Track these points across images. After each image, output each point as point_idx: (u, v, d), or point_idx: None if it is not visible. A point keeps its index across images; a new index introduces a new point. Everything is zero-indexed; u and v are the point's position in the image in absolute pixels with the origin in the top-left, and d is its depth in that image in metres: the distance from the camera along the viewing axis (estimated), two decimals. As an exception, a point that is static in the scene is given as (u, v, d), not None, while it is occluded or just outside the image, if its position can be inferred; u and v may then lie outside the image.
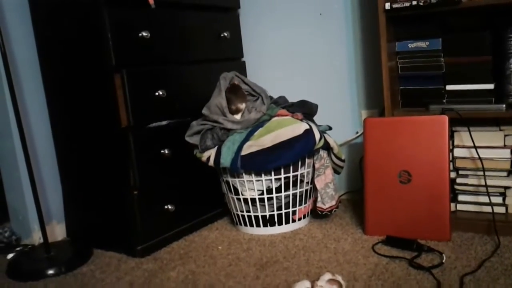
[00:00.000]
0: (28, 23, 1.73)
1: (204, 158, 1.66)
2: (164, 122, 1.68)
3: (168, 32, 1.69)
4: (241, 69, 2.06)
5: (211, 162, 1.64)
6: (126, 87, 1.54)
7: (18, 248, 1.73)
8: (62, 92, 1.71)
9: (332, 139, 1.73)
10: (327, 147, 1.70)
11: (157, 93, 1.63)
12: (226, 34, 1.93)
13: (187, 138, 1.69)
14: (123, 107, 1.56)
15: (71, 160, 1.77)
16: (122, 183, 1.61)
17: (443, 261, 1.32)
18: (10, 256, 1.66)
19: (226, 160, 1.61)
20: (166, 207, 1.68)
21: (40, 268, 1.52)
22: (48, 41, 1.70)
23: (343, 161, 1.78)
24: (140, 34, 1.57)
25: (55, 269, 1.52)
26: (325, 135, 1.69)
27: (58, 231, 1.84)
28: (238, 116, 1.66)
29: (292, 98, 1.86)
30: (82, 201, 1.77)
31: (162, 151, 1.65)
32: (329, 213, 1.72)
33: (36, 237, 1.77)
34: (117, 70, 1.53)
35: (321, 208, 1.70)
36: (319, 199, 1.70)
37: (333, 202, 1.71)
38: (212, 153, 1.64)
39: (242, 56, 2.09)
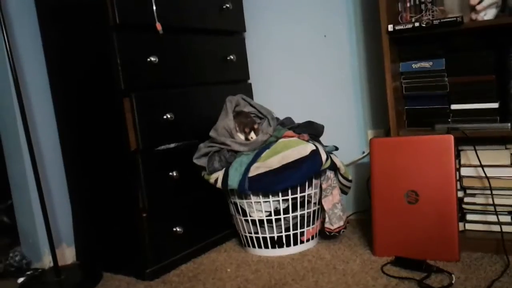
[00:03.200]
0: (39, 48, 1.77)
1: (212, 180, 1.68)
2: (172, 145, 1.70)
3: (175, 56, 1.73)
4: (248, 91, 2.08)
5: (219, 184, 1.65)
6: (135, 111, 1.57)
7: (28, 272, 1.73)
8: (72, 115, 1.74)
9: (339, 159, 1.74)
10: (334, 167, 1.71)
11: (165, 116, 1.66)
12: (232, 57, 1.96)
13: (195, 160, 1.71)
14: (132, 130, 1.58)
15: (80, 183, 1.79)
16: (131, 205, 1.63)
17: (453, 281, 1.32)
18: (20, 280, 1.67)
19: (233, 181, 1.62)
20: (174, 229, 1.69)
21: (50, 292, 1.53)
22: (59, 65, 1.74)
23: (350, 181, 1.78)
24: (148, 59, 1.61)
25: (65, 293, 1.52)
26: (332, 155, 1.71)
27: (68, 254, 1.85)
28: (254, 136, 1.68)
29: (298, 119, 1.87)
30: (92, 224, 1.78)
31: (171, 174, 1.67)
32: (337, 234, 1.71)
33: (47, 261, 1.78)
34: (126, 94, 1.56)
35: (329, 228, 1.70)
36: (327, 219, 1.70)
37: (341, 223, 1.71)
38: (219, 175, 1.66)
39: (248, 78, 2.12)
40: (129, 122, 1.58)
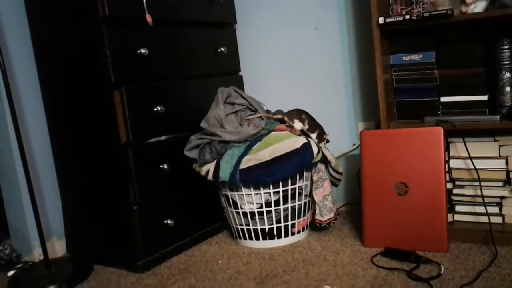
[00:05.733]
0: (28, 41, 1.75)
1: (203, 172, 1.68)
2: (163, 138, 1.70)
3: (166, 48, 1.72)
4: (239, 83, 2.08)
5: (210, 176, 1.66)
6: (125, 104, 1.56)
7: (18, 265, 1.73)
8: (62, 109, 1.73)
9: (329, 152, 1.74)
10: (324, 160, 1.71)
11: (155, 109, 1.65)
12: (223, 49, 1.96)
13: (186, 153, 1.71)
14: (122, 123, 1.57)
15: (71, 177, 1.78)
16: (122, 198, 1.62)
17: (441, 272, 1.33)
18: (10, 273, 1.67)
19: (225, 174, 1.62)
20: (165, 221, 1.69)
21: (41, 285, 1.53)
22: (48, 58, 1.72)
23: (340, 173, 1.79)
24: (138, 51, 1.60)
25: (56, 286, 1.52)
26: (323, 148, 1.71)
27: (59, 248, 1.84)
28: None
29: (289, 112, 1.87)
30: (82, 217, 1.78)
31: (161, 166, 1.67)
32: (327, 226, 1.73)
33: (37, 254, 1.77)
34: (116, 87, 1.55)
35: (320, 220, 1.71)
36: (317, 211, 1.71)
37: (332, 215, 1.72)
38: (211, 167, 1.66)
39: (240, 71, 2.12)
40: (119, 115, 1.57)
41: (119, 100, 1.56)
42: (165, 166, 1.67)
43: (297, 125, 1.70)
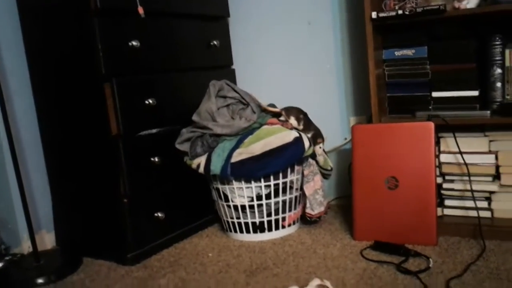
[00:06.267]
0: (18, 32, 1.73)
1: (194, 165, 1.68)
2: (154, 130, 1.69)
3: (157, 41, 1.71)
4: (231, 76, 2.08)
5: (201, 169, 1.65)
6: (116, 96, 1.55)
7: (7, 257, 1.71)
8: (52, 100, 1.72)
9: (322, 155, 1.75)
10: (314, 156, 1.72)
11: (147, 102, 1.64)
12: (216, 43, 1.95)
13: (177, 146, 1.70)
14: (113, 116, 1.57)
15: (61, 169, 1.77)
16: (112, 191, 1.62)
17: (430, 265, 1.34)
18: (-1, 265, 1.66)
19: (216, 167, 1.62)
20: (156, 214, 1.68)
21: (30, 277, 1.52)
22: (38, 50, 1.71)
23: (330, 170, 1.79)
24: (130, 44, 1.59)
25: (45, 278, 1.51)
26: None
27: (48, 240, 1.83)
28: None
29: (281, 106, 1.87)
30: (72, 209, 1.77)
31: (152, 159, 1.66)
32: (318, 219, 1.73)
33: (26, 246, 1.76)
34: (107, 79, 1.54)
35: (310, 214, 1.72)
36: (308, 205, 1.72)
37: (322, 208, 1.73)
38: (202, 160, 1.66)
39: (232, 64, 2.11)
40: (110, 107, 1.56)
41: (110, 93, 1.55)
42: (156, 159, 1.67)
43: (292, 122, 1.69)
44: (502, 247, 1.43)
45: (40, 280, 1.51)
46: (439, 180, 1.63)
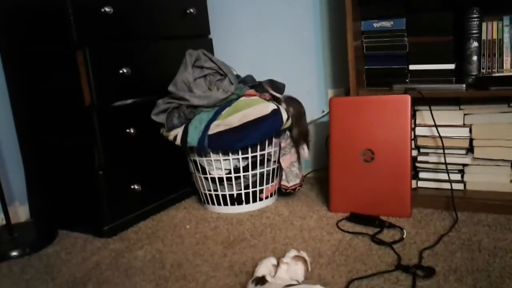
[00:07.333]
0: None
1: (171, 137, 1.65)
2: (129, 101, 1.65)
3: (131, 7, 1.65)
4: (208, 46, 2.03)
5: (178, 141, 1.63)
6: (89, 65, 1.50)
7: (-21, 230, 1.69)
8: (23, 70, 1.65)
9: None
10: (291, 128, 1.71)
11: (121, 71, 1.60)
12: (192, 10, 1.90)
13: (153, 117, 1.67)
14: (86, 86, 1.52)
15: (33, 141, 1.72)
16: (87, 163, 1.59)
17: (404, 236, 1.37)
18: (-29, 238, 1.62)
19: (193, 139, 1.60)
20: (132, 187, 1.67)
21: (3, 250, 1.49)
22: (7, 16, 1.63)
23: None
24: (102, 10, 1.53)
25: (19, 251, 1.49)
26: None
27: (21, 213, 1.80)
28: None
29: (259, 77, 1.86)
30: (46, 182, 1.73)
31: (128, 130, 1.63)
32: (292, 191, 1.74)
33: (-2, 219, 1.73)
34: (79, 46, 1.49)
35: (285, 186, 1.73)
36: (283, 177, 1.73)
37: (297, 181, 1.74)
38: (179, 132, 1.63)
39: (209, 33, 2.06)
40: (83, 76, 1.51)
41: (82, 61, 1.50)
42: (132, 131, 1.64)
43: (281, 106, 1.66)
44: (474, 218, 1.47)
45: (14, 253, 1.48)
46: (414, 153, 1.65)
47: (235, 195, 1.69)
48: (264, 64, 2.08)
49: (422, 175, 1.66)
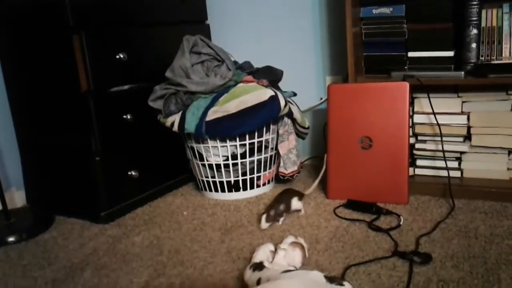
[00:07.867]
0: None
1: (168, 123, 1.64)
2: (126, 87, 1.64)
3: (129, -8, 1.63)
4: (206, 32, 2.01)
5: (175, 128, 1.63)
6: (85, 50, 1.49)
7: (-25, 216, 1.68)
8: (19, 55, 1.63)
9: (296, 108, 1.73)
10: (290, 115, 1.71)
11: (118, 56, 1.58)
12: (189, -4, 1.88)
13: (150, 103, 1.66)
14: (82, 71, 1.51)
15: (29, 127, 1.71)
16: (83, 149, 1.58)
17: (401, 223, 1.38)
18: (-33, 224, 1.62)
19: (190, 125, 1.59)
20: (129, 173, 1.66)
21: (0, 236, 1.49)
22: (2, 4, 1.61)
23: (307, 128, 1.79)
24: (99, -6, 1.51)
25: (16, 236, 1.49)
26: (290, 105, 1.70)
27: (18, 198, 1.79)
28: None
29: (257, 63, 1.84)
30: (42, 168, 1.73)
31: (125, 116, 1.62)
32: (290, 178, 1.75)
33: (-5, 205, 1.73)
34: (76, 31, 1.47)
35: (283, 173, 1.73)
36: (281, 164, 1.72)
37: (295, 168, 1.74)
38: (176, 118, 1.63)
39: (206, 19, 2.04)
40: (79, 61, 1.50)
41: (78, 46, 1.48)
42: (129, 116, 1.63)
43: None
44: (471, 205, 1.47)
45: (11, 239, 1.48)
46: (412, 140, 1.65)
47: (232, 182, 1.69)
48: (262, 51, 2.07)
49: (419, 162, 1.66)
